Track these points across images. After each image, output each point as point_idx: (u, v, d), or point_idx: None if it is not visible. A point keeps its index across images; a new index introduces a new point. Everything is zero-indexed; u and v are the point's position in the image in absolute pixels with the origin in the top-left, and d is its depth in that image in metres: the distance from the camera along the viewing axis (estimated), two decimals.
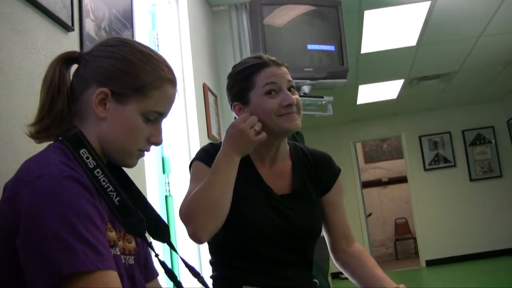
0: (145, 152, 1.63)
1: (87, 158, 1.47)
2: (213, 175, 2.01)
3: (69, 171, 1.37)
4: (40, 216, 1.27)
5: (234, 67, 2.27)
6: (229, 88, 2.24)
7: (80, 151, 1.47)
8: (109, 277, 1.30)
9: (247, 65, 2.19)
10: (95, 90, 1.50)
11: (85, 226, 1.30)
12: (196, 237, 1.98)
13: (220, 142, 2.19)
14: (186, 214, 1.99)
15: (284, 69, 2.18)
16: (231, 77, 2.25)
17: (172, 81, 1.60)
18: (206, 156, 2.16)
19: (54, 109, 1.51)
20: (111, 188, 1.48)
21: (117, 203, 1.49)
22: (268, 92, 2.12)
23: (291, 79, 2.18)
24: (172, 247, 1.74)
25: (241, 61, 2.27)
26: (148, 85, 1.53)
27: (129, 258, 1.58)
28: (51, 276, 1.24)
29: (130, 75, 1.51)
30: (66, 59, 1.57)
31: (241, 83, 2.17)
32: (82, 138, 1.49)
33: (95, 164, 1.47)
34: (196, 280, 1.76)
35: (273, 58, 2.19)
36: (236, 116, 2.18)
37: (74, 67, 1.60)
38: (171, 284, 1.65)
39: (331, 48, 5.01)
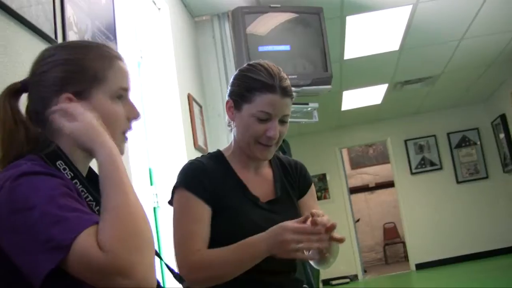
0: (128, 136, 1.62)
1: (64, 169, 1.46)
2: (238, 259, 2.00)
3: (45, 168, 1.39)
4: (24, 205, 1.26)
5: (249, 65, 2.23)
6: (233, 83, 2.24)
7: (57, 163, 1.46)
8: None
9: (257, 77, 2.14)
10: (58, 100, 1.49)
11: (69, 201, 1.30)
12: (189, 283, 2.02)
13: (203, 155, 2.26)
14: (193, 277, 2.01)
15: (287, 101, 2.16)
16: (240, 75, 2.22)
17: (118, 57, 1.60)
18: (190, 182, 2.13)
19: (15, 141, 1.48)
20: (90, 198, 1.48)
21: (97, 213, 1.48)
22: (259, 118, 2.13)
23: (288, 112, 2.18)
24: (157, 255, 1.73)
25: (257, 65, 2.20)
26: (100, 70, 1.52)
27: None
28: (52, 254, 1.22)
29: (81, 71, 1.51)
30: (12, 92, 1.54)
31: (242, 89, 2.17)
32: (58, 151, 1.48)
33: (72, 175, 1.46)
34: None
35: (285, 85, 2.15)
36: (226, 110, 2.23)
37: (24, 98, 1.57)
38: None
39: (314, 55, 5.03)
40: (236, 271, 2.00)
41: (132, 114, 1.60)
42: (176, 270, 1.82)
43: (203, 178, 2.12)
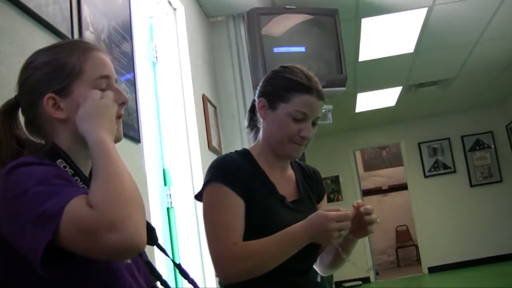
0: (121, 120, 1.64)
1: (65, 167, 1.48)
2: (279, 249, 2.06)
3: (40, 159, 1.41)
4: (17, 192, 1.28)
5: (283, 67, 2.31)
6: (266, 83, 2.30)
7: (57, 161, 1.48)
8: None
9: (295, 78, 2.22)
10: (43, 103, 1.51)
11: (62, 182, 1.34)
12: (225, 280, 2.10)
13: (230, 152, 2.31)
14: (235, 268, 2.05)
15: (321, 104, 2.25)
16: (276, 76, 2.29)
17: (94, 48, 1.60)
18: (226, 177, 2.14)
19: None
20: None
21: None
22: (295, 117, 2.19)
23: (320, 115, 2.29)
24: (162, 250, 1.74)
25: (292, 67, 2.29)
26: (77, 64, 1.53)
27: None
28: (46, 225, 1.23)
29: (58, 70, 1.52)
30: (6, 109, 1.57)
31: (279, 89, 2.23)
32: (57, 149, 1.50)
33: (73, 172, 1.48)
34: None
35: (320, 88, 2.23)
36: (257, 108, 2.27)
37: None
38: None
39: (329, 56, 5.02)
40: (276, 261, 2.04)
41: (119, 100, 1.60)
42: (184, 269, 1.82)
43: (237, 173, 2.15)
